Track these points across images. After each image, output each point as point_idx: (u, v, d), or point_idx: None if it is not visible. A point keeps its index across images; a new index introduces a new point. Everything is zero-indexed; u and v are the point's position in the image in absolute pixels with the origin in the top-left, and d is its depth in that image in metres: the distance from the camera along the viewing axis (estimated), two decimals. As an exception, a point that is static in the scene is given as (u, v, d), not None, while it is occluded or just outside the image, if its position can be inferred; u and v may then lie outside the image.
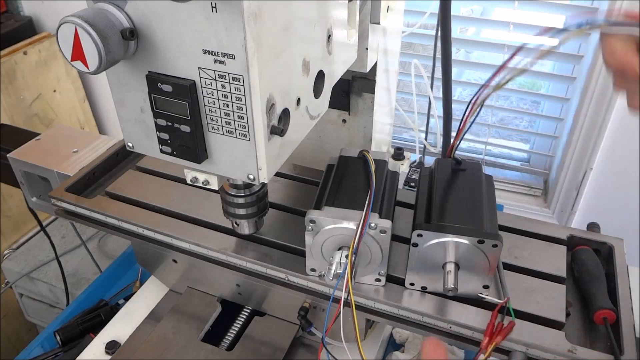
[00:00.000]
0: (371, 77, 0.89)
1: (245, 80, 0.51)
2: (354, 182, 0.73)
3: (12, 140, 1.08)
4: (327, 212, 0.68)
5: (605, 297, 0.71)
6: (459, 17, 1.65)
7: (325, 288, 0.74)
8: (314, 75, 0.64)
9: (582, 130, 1.60)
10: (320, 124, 0.71)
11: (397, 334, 1.02)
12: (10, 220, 1.84)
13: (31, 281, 1.71)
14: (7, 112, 1.81)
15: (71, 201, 0.89)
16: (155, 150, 0.61)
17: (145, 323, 0.94)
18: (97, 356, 0.90)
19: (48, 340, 1.04)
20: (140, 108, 0.59)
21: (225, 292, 0.94)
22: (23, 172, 1.04)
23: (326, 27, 0.64)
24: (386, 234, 0.66)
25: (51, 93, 1.98)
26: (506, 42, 1.57)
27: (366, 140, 0.97)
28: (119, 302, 1.09)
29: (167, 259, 0.93)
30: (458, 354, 0.98)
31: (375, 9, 0.78)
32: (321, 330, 0.79)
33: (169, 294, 1.00)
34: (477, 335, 0.67)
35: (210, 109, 0.55)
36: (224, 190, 0.72)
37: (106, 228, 0.88)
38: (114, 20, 0.51)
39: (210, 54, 0.51)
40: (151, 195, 0.90)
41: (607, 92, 1.49)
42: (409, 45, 1.79)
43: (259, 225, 0.78)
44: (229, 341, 0.89)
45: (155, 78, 0.54)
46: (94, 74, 0.51)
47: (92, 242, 1.71)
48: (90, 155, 1.02)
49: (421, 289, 0.72)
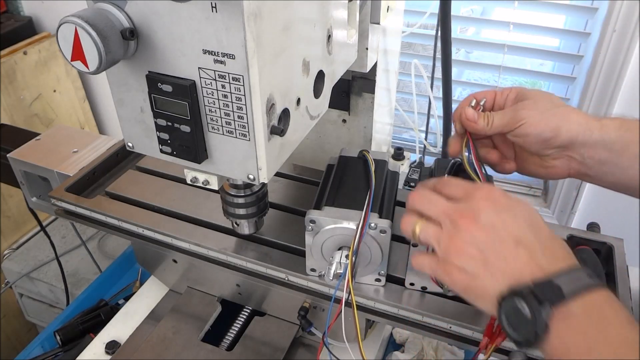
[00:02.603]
0: (371, 77, 0.89)
1: (245, 80, 0.51)
2: (354, 182, 0.73)
3: (12, 140, 1.08)
4: (327, 212, 0.68)
5: (605, 297, 0.71)
6: (459, 17, 1.65)
7: (325, 288, 0.74)
8: (314, 75, 0.64)
9: (582, 130, 1.60)
10: (320, 124, 0.71)
11: (397, 334, 1.02)
12: (10, 220, 1.84)
13: (31, 281, 1.70)
14: (7, 112, 1.81)
15: (71, 201, 0.89)
16: (155, 150, 0.61)
17: (145, 323, 0.94)
18: (97, 356, 0.90)
19: (48, 340, 1.04)
20: (140, 108, 0.59)
21: (225, 292, 0.94)
22: (23, 172, 1.04)
23: (326, 27, 0.64)
24: (386, 234, 0.66)
25: (51, 93, 1.98)
26: (506, 42, 1.57)
27: (366, 140, 0.97)
28: (119, 302, 1.09)
29: (167, 259, 0.93)
30: (458, 354, 0.98)
31: (375, 9, 0.78)
32: (321, 330, 0.79)
33: (169, 294, 1.00)
34: (477, 335, 0.67)
35: (210, 109, 0.55)
36: (224, 190, 0.72)
37: (106, 228, 0.88)
38: (114, 20, 0.51)
39: (210, 54, 0.51)
40: (151, 195, 0.90)
41: (607, 92, 1.49)
42: (409, 45, 1.79)
43: (259, 225, 0.78)
44: (229, 341, 0.89)
45: (155, 78, 0.54)
46: (94, 74, 0.51)
47: (92, 242, 1.71)
48: (90, 155, 1.02)
49: (421, 289, 0.72)
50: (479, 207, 0.52)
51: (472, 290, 0.52)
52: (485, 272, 0.51)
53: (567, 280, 0.47)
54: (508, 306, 0.48)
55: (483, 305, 0.52)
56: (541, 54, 1.64)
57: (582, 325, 0.46)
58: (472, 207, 0.53)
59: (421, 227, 0.56)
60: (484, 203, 0.53)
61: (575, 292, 0.47)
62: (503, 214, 0.52)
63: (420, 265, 0.58)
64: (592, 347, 0.46)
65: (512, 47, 1.58)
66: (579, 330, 0.47)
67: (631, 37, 1.39)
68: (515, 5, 1.52)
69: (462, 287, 0.53)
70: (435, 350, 0.98)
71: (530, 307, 0.47)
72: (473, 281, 0.52)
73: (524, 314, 0.47)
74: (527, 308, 0.47)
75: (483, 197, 0.53)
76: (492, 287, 0.50)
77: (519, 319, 0.48)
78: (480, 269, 0.51)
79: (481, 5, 1.76)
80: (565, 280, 0.47)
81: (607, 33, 1.41)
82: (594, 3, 1.47)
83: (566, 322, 0.47)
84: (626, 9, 1.36)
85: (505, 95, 0.67)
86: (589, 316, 0.46)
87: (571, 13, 1.54)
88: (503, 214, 0.52)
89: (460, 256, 0.52)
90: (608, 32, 1.41)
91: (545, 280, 0.48)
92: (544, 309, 0.46)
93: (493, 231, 0.51)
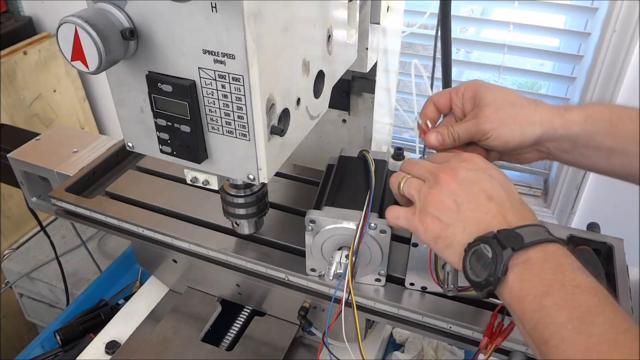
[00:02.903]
0: (371, 77, 0.89)
1: (245, 80, 0.51)
2: (354, 182, 0.73)
3: (12, 140, 1.08)
4: (327, 212, 0.68)
5: (605, 297, 0.71)
6: (459, 17, 1.65)
7: (325, 288, 0.74)
8: (314, 75, 0.64)
9: (582, 130, 1.60)
10: (320, 124, 0.71)
11: (397, 334, 1.02)
12: (10, 220, 1.84)
13: (31, 281, 1.71)
14: (7, 112, 1.81)
15: (71, 201, 0.89)
16: (155, 150, 0.61)
17: (145, 323, 0.94)
18: (97, 356, 0.90)
19: (48, 340, 1.04)
20: (140, 108, 0.59)
21: (225, 292, 0.94)
22: (23, 172, 1.04)
23: (326, 27, 0.64)
24: (386, 234, 0.66)
25: (51, 93, 1.98)
26: (506, 42, 1.57)
27: (366, 140, 0.97)
28: (119, 302, 1.09)
29: (167, 259, 0.93)
30: (458, 354, 0.98)
31: (375, 9, 0.78)
32: (321, 330, 0.79)
33: (169, 294, 1.00)
34: (477, 335, 0.67)
35: (210, 109, 0.55)
36: (224, 190, 0.72)
37: (106, 228, 0.88)
38: (114, 20, 0.51)
39: (210, 54, 0.51)
40: (151, 195, 0.90)
41: (607, 92, 1.49)
42: (409, 45, 1.79)
43: (259, 225, 0.78)
44: (229, 341, 0.89)
45: (155, 78, 0.54)
46: (94, 74, 0.51)
47: (92, 242, 1.71)
48: (90, 155, 1.02)
49: (421, 289, 0.72)
50: (459, 166, 0.58)
51: (442, 240, 0.56)
52: (458, 221, 0.55)
53: (529, 232, 0.52)
54: (472, 251, 0.53)
55: (450, 254, 0.56)
56: (541, 54, 1.64)
57: (539, 269, 0.50)
58: (453, 166, 0.58)
59: (405, 181, 0.61)
60: (464, 164, 0.58)
61: (535, 242, 0.51)
62: (480, 173, 0.57)
63: (395, 217, 0.61)
64: (548, 290, 0.49)
65: (512, 47, 1.58)
66: (536, 273, 0.50)
67: (631, 37, 1.39)
68: (515, 5, 1.52)
69: (433, 235, 0.57)
70: (435, 350, 0.98)
71: (493, 250, 0.51)
72: (445, 230, 0.56)
73: (486, 256, 0.51)
74: (490, 251, 0.51)
75: (464, 159, 0.59)
76: (462, 235, 0.55)
77: (481, 262, 0.52)
78: (454, 219, 0.55)
79: (481, 5, 1.76)
80: (527, 231, 0.52)
81: (607, 33, 1.41)
82: (594, 3, 1.47)
83: (525, 265, 0.50)
84: (626, 9, 1.36)
85: (461, 95, 0.68)
86: (545, 261, 0.50)
87: (571, 13, 1.54)
88: (480, 173, 0.57)
89: (437, 206, 0.56)
90: (608, 32, 1.41)
91: (509, 230, 0.52)
92: (505, 252, 0.50)
93: (469, 185, 0.56)
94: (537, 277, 0.50)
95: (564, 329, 0.46)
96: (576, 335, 0.46)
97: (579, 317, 0.46)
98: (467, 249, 0.53)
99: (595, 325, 0.45)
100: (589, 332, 0.45)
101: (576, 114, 0.63)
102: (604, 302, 0.47)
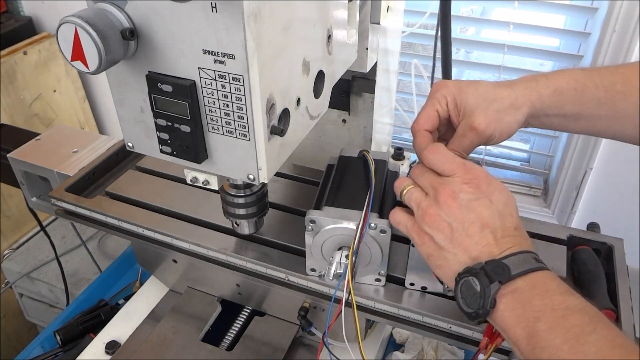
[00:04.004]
0: (371, 77, 0.89)
1: (245, 80, 0.51)
2: (354, 182, 0.73)
3: (12, 140, 1.08)
4: (327, 212, 0.68)
5: (605, 297, 0.71)
6: (459, 17, 1.65)
7: (325, 288, 0.74)
8: (314, 75, 0.64)
9: (582, 130, 1.60)
10: (320, 124, 0.71)
11: (397, 334, 1.02)
12: (10, 220, 1.84)
13: (31, 281, 1.71)
14: (7, 112, 1.82)
15: (71, 201, 0.89)
16: (155, 150, 0.61)
17: (145, 323, 0.94)
18: (97, 356, 0.90)
19: (48, 340, 1.04)
20: (140, 108, 0.59)
21: (225, 292, 0.94)
22: (23, 172, 1.05)
23: (326, 27, 0.64)
24: (386, 234, 0.66)
25: (51, 93, 1.98)
26: (506, 42, 1.57)
27: (366, 140, 0.98)
28: (119, 302, 1.09)
29: (167, 259, 0.93)
30: (458, 354, 0.98)
31: (375, 9, 0.78)
32: (321, 330, 0.79)
33: (169, 294, 1.00)
34: (477, 335, 0.67)
35: (210, 109, 0.55)
36: (224, 190, 0.72)
37: (106, 228, 0.88)
38: (114, 20, 0.51)
39: (210, 54, 0.51)
40: (151, 195, 0.90)
41: (607, 92, 1.48)
42: (409, 45, 1.79)
43: (259, 225, 0.78)
44: (229, 341, 0.89)
45: (155, 78, 0.54)
46: (94, 74, 0.51)
47: (92, 242, 1.71)
48: (90, 155, 1.02)
49: (421, 289, 0.72)
50: (461, 188, 0.57)
51: (435, 259, 0.58)
52: (450, 246, 0.57)
53: (516, 262, 0.53)
54: (462, 282, 0.55)
55: (441, 273, 0.59)
56: (541, 54, 1.64)
57: (528, 296, 0.52)
58: (455, 188, 0.58)
59: (409, 189, 0.62)
60: (466, 187, 0.57)
61: (522, 272, 0.53)
62: (481, 199, 0.57)
63: (397, 221, 0.63)
64: (539, 316, 0.50)
65: (512, 47, 1.58)
66: (525, 301, 0.52)
67: (631, 37, 1.39)
68: (515, 5, 1.52)
69: (427, 252, 0.59)
70: (435, 350, 0.98)
71: (480, 284, 0.53)
72: (438, 251, 0.58)
73: (475, 289, 0.53)
74: (478, 284, 0.53)
75: (468, 180, 0.58)
76: (453, 261, 0.57)
77: (470, 294, 0.54)
78: (446, 243, 0.57)
79: (481, 5, 1.76)
80: (514, 261, 0.53)
81: (607, 33, 1.41)
82: (594, 3, 1.47)
83: (513, 295, 0.52)
84: (626, 9, 1.36)
85: (444, 106, 0.67)
86: (533, 288, 0.52)
87: (571, 13, 1.54)
88: (481, 199, 0.57)
89: (432, 226, 0.58)
90: (608, 32, 1.41)
91: (496, 261, 0.54)
92: (493, 286, 0.52)
93: (467, 212, 0.56)
94: (527, 304, 0.51)
95: (561, 351, 0.47)
96: (573, 355, 0.47)
97: (573, 338, 0.47)
98: (457, 278, 0.56)
99: (590, 344, 0.47)
100: (585, 351, 0.47)
101: (545, 88, 0.65)
102: (595, 320, 0.49)
